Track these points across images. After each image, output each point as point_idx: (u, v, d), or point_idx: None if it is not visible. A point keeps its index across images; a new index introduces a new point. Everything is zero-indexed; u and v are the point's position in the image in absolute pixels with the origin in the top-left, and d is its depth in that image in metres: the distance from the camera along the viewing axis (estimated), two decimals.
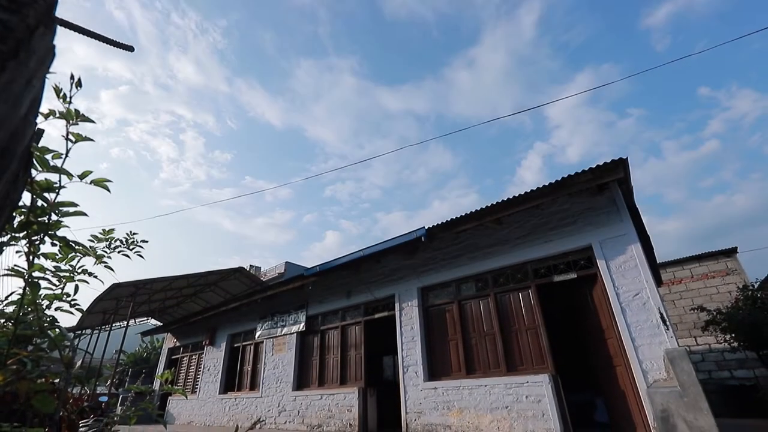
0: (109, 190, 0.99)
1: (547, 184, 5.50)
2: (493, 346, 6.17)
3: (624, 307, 5.09)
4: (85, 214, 0.98)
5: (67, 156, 0.87)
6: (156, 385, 13.68)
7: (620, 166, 4.98)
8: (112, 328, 15.48)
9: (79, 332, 15.95)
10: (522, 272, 6.28)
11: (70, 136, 0.88)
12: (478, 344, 6.39)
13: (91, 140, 0.92)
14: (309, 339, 9.34)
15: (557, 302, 7.85)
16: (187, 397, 12.65)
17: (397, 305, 7.57)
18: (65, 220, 1.01)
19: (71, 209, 0.97)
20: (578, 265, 5.78)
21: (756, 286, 9.79)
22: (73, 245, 1.10)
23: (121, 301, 13.79)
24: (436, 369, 6.72)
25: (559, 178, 5.38)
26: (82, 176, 0.93)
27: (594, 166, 5.13)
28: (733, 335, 8.73)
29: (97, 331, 15.96)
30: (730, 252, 12.28)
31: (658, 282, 9.18)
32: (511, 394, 5.57)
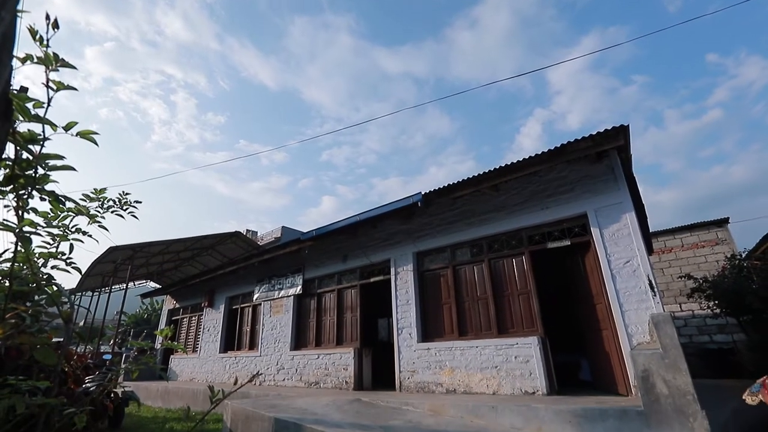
0: (96, 143, 0.96)
1: (546, 150, 5.44)
2: (486, 309, 6.35)
3: (614, 274, 5.20)
4: (73, 169, 0.95)
5: (49, 105, 0.83)
6: (157, 344, 14.11)
7: (621, 133, 4.92)
8: (112, 290, 15.73)
9: (80, 293, 16.21)
10: (517, 239, 6.36)
11: (51, 84, 0.83)
12: (471, 308, 6.57)
13: (74, 89, 0.88)
14: (306, 302, 9.55)
15: (550, 268, 8.02)
16: (186, 353, 13.11)
17: (392, 269, 7.69)
18: (53, 175, 0.98)
19: (58, 162, 0.94)
20: (572, 232, 5.84)
21: (743, 255, 10.01)
22: (63, 200, 1.08)
23: (119, 264, 13.92)
24: (429, 331, 6.94)
25: (559, 145, 5.32)
26: (67, 127, 0.89)
27: (594, 133, 5.06)
28: (717, 302, 9.03)
29: (97, 293, 16.23)
30: (722, 222, 12.45)
31: (650, 250, 9.35)
32: (500, 354, 5.80)
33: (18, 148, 0.82)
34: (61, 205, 1.10)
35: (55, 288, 1.39)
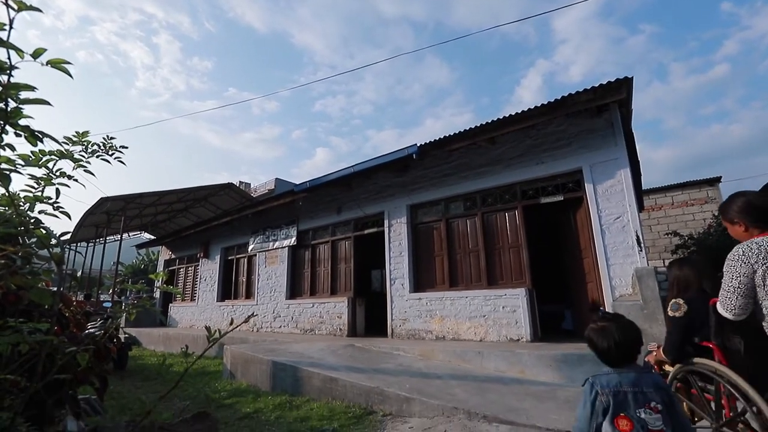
0: (70, 75, 0.89)
1: (545, 103, 5.31)
2: (477, 262, 6.52)
3: (604, 229, 5.30)
4: (47, 103, 0.89)
5: (11, 28, 0.75)
6: (157, 293, 14.46)
7: (623, 86, 4.78)
8: (107, 241, 15.79)
9: (75, 244, 16.27)
10: (510, 193, 6.38)
11: (11, 2, 0.75)
12: (462, 260, 6.74)
13: (39, 11, 0.79)
14: (300, 253, 9.71)
15: (541, 223, 8.14)
16: (184, 300, 13.49)
17: (386, 222, 7.76)
18: (27, 110, 0.92)
19: (30, 95, 0.88)
20: (566, 187, 5.86)
21: None
22: (40, 136, 1.02)
23: (112, 215, 13.86)
24: (421, 282, 7.16)
25: (559, 97, 5.18)
26: (35, 54, 0.82)
27: (597, 85, 4.92)
28: (697, 255, 9.34)
29: (92, 244, 16.29)
30: (713, 181, 12.56)
31: (640, 207, 9.47)
32: (489, 304, 6.04)
33: None
34: (38, 141, 1.04)
35: (43, 231, 1.37)
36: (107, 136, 2.00)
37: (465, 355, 5.19)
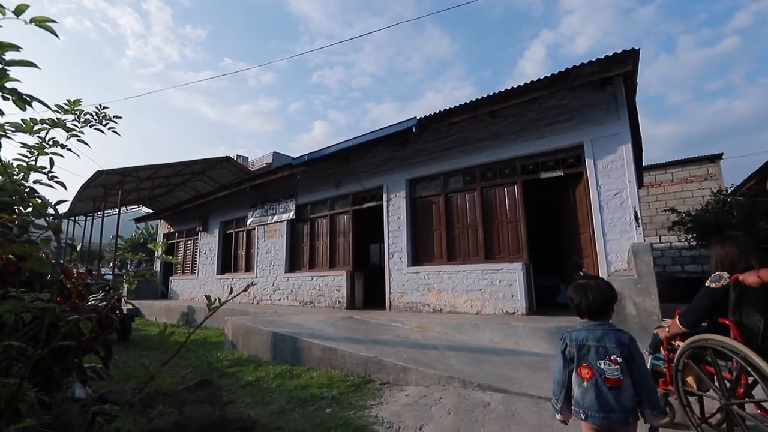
0: (56, 35, 0.85)
1: (549, 75, 5.18)
2: (475, 236, 6.56)
3: (603, 204, 5.30)
4: (34, 65, 0.85)
5: None
6: (156, 265, 14.59)
7: (630, 58, 4.65)
8: (105, 215, 15.77)
9: (73, 217, 16.26)
10: (510, 168, 6.34)
11: None
12: (460, 234, 6.77)
13: None
14: (299, 226, 9.74)
15: (539, 198, 8.15)
16: (182, 269, 13.64)
17: (385, 196, 7.75)
18: (13, 73, 0.88)
19: (15, 56, 0.84)
20: (566, 162, 5.82)
21: (729, 191, 10.20)
22: (28, 99, 0.99)
23: (108, 189, 13.78)
24: (419, 256, 7.23)
25: (563, 69, 5.06)
26: (17, 11, 0.78)
27: (602, 57, 4.79)
28: (695, 235, 9.41)
29: (90, 218, 16.28)
30: (714, 158, 12.48)
31: (640, 183, 9.46)
32: (486, 278, 6.12)
33: None
34: (28, 106, 1.01)
35: (39, 201, 1.35)
36: (100, 105, 1.95)
37: (461, 327, 5.31)
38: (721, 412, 2.15)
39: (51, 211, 1.32)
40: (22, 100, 0.97)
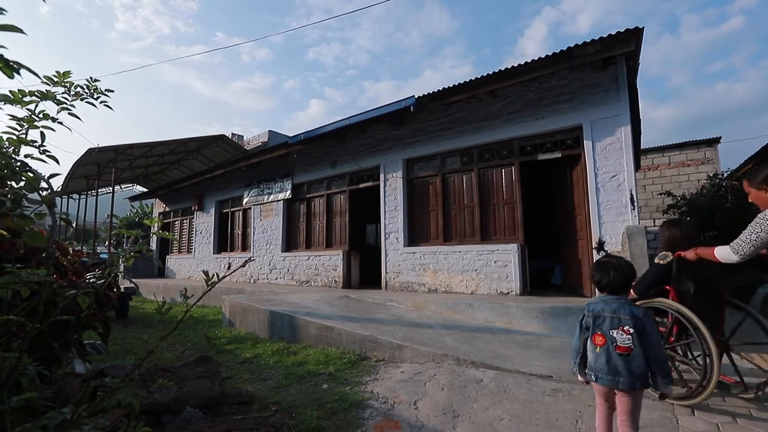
0: None
1: (550, 54, 5.09)
2: (471, 217, 6.58)
3: (599, 187, 5.31)
4: (19, 30, 0.81)
5: None
6: (153, 243, 14.57)
7: (633, 37, 4.57)
8: (98, 193, 15.62)
9: (66, 195, 16.09)
10: (508, 149, 6.30)
11: None
12: (457, 215, 6.79)
13: None
14: (295, 206, 9.72)
15: (536, 180, 8.15)
16: (178, 247, 13.65)
17: (381, 176, 7.71)
18: None
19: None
20: (564, 144, 5.79)
21: (725, 175, 10.24)
22: (15, 66, 0.95)
23: (102, 167, 13.61)
24: (415, 236, 7.26)
25: (565, 48, 4.96)
26: None
27: (605, 36, 4.70)
28: (689, 218, 9.49)
29: (84, 196, 16.12)
30: (712, 142, 12.46)
31: (637, 166, 9.46)
32: (481, 259, 6.18)
33: None
34: (15, 73, 0.97)
35: (31, 174, 1.33)
36: (91, 78, 1.90)
37: (456, 307, 5.39)
38: None
39: (44, 185, 1.30)
40: (9, 68, 0.93)
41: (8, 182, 1.49)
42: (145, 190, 16.76)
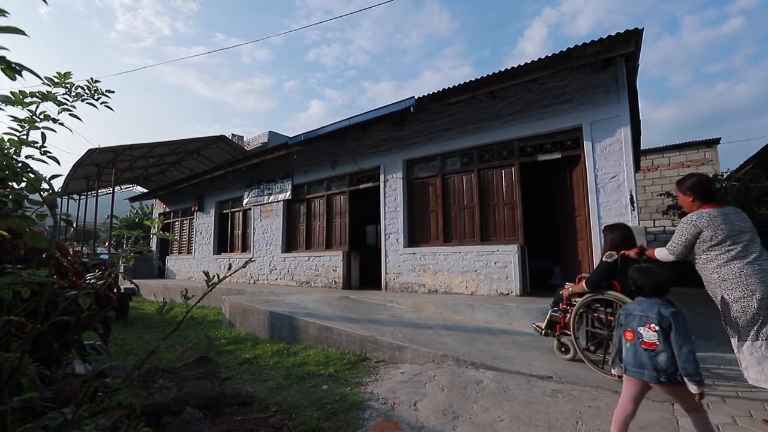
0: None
1: (550, 55, 5.10)
2: (471, 218, 6.58)
3: (599, 188, 5.31)
4: (21, 32, 0.82)
5: None
6: (153, 244, 14.57)
7: (633, 38, 4.58)
8: (98, 194, 15.63)
9: (66, 196, 16.11)
10: (508, 149, 6.31)
11: None
12: (457, 216, 6.80)
13: None
14: (295, 207, 9.72)
15: (536, 180, 8.15)
16: (178, 248, 13.65)
17: (381, 176, 7.72)
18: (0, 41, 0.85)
19: (1, 21, 0.81)
20: (564, 145, 5.79)
21: (725, 176, 10.26)
22: (17, 68, 0.96)
23: (102, 168, 13.62)
24: (415, 237, 7.26)
25: (565, 49, 4.97)
26: None
27: (605, 37, 4.71)
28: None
29: (84, 197, 16.14)
30: (712, 142, 12.48)
31: (637, 167, 9.47)
32: (481, 260, 6.18)
33: None
34: (18, 75, 0.98)
35: (32, 175, 1.33)
36: (91, 79, 1.91)
37: (456, 308, 5.39)
38: (603, 341, 3.25)
39: (45, 186, 1.30)
40: (12, 69, 0.94)
41: (9, 183, 1.50)
42: (145, 190, 16.77)
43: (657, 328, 1.85)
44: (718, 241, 2.40)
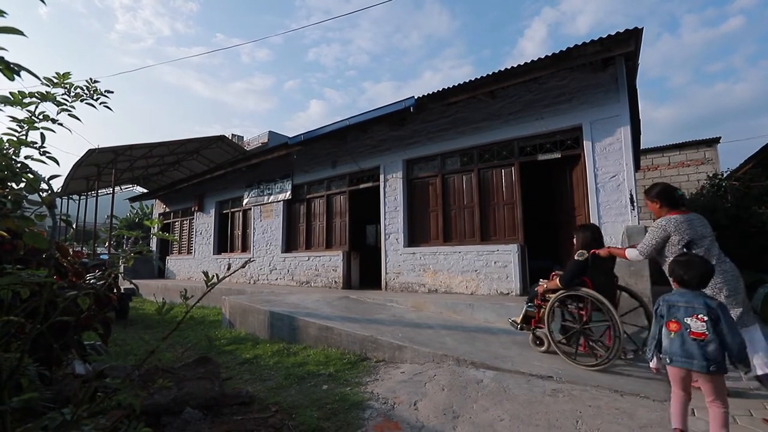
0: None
1: (550, 54, 5.10)
2: (471, 217, 6.58)
3: (599, 187, 5.31)
4: (20, 32, 0.82)
5: None
6: (152, 244, 14.57)
7: (632, 38, 4.57)
8: (98, 194, 15.63)
9: (66, 196, 16.11)
10: (508, 149, 6.31)
11: None
12: (457, 215, 6.80)
13: None
14: (295, 207, 9.72)
15: (536, 180, 8.15)
16: (178, 248, 13.65)
17: (381, 176, 7.72)
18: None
19: (0, 21, 0.81)
20: (564, 145, 5.79)
21: (725, 175, 10.25)
22: (16, 68, 0.96)
23: (102, 168, 13.62)
24: (415, 236, 7.26)
25: (564, 49, 4.97)
26: None
27: (604, 36, 4.71)
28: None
29: (84, 197, 16.14)
30: (712, 142, 12.47)
31: (637, 166, 9.47)
32: (481, 259, 6.18)
33: None
34: (16, 75, 0.98)
35: (32, 176, 1.33)
36: (91, 79, 1.90)
37: (456, 307, 5.39)
38: (574, 334, 3.41)
39: (44, 186, 1.30)
40: (10, 70, 0.94)
41: (9, 183, 1.49)
42: (145, 190, 16.77)
43: (706, 318, 1.88)
44: (684, 244, 2.73)
